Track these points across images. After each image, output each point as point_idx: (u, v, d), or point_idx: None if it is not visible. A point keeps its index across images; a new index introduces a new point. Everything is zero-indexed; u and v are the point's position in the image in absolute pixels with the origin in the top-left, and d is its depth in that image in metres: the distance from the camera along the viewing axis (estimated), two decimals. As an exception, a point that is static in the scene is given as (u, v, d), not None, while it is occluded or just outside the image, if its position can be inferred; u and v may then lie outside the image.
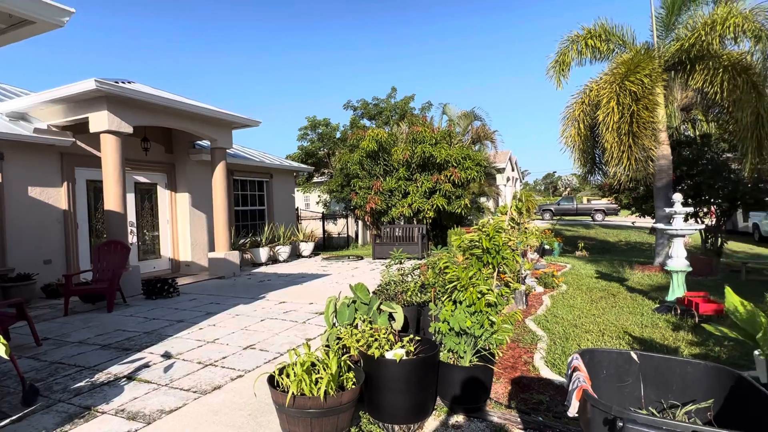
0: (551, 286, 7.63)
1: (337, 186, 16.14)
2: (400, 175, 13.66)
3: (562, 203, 32.39)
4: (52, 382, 3.80)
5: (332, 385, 2.61)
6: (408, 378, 2.81)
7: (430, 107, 21.57)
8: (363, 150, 13.72)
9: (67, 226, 8.26)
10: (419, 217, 13.61)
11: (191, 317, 6.00)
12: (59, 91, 7.13)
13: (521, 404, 3.24)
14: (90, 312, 6.53)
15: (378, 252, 12.36)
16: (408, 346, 3.00)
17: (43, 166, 7.93)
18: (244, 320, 5.76)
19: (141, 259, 9.73)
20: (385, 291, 4.39)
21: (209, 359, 4.28)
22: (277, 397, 2.62)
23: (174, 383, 3.70)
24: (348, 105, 21.69)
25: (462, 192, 13.49)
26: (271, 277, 9.57)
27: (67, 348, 4.77)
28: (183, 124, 8.79)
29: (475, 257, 3.41)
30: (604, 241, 19.01)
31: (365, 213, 14.09)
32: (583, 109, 9.63)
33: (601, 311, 5.98)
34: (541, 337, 4.81)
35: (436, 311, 3.22)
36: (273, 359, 4.26)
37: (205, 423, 3.00)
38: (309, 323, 5.56)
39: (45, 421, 3.09)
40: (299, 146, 21.30)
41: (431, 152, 13.10)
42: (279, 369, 2.80)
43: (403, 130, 15.06)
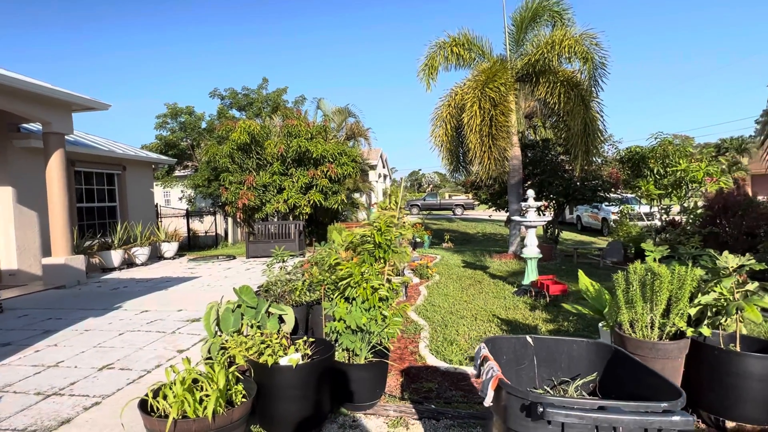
0: (426, 276, 8.08)
1: (204, 180, 14.89)
2: (274, 170, 13.14)
3: (427, 199, 34.79)
4: None
5: (221, 401, 2.34)
6: (305, 383, 2.66)
7: (304, 101, 21.19)
8: (234, 142, 12.86)
9: None
10: (295, 213, 13.28)
11: (22, 338, 4.92)
12: None
13: (413, 394, 3.33)
14: None
15: (252, 250, 11.72)
16: (303, 348, 2.85)
17: None
18: (96, 336, 4.91)
19: (-59, 270, 7.68)
20: (270, 292, 4.13)
21: (52, 387, 3.54)
22: (152, 425, 2.26)
23: (3, 423, 2.97)
24: (215, 93, 20.13)
25: (338, 188, 13.53)
26: (127, 283, 8.38)
27: None
28: (4, 101, 7.15)
29: (367, 252, 3.39)
30: (465, 233, 20.91)
31: (237, 209, 13.25)
32: (450, 111, 10.39)
33: (471, 297, 6.52)
34: (423, 326, 5.04)
35: (330, 310, 3.12)
36: (138, 378, 3.70)
37: (52, 468, 2.46)
38: (180, 333, 4.98)
39: None
40: (158, 135, 19.10)
41: (307, 147, 12.87)
42: (153, 390, 2.42)
43: (276, 123, 14.52)
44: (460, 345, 4.41)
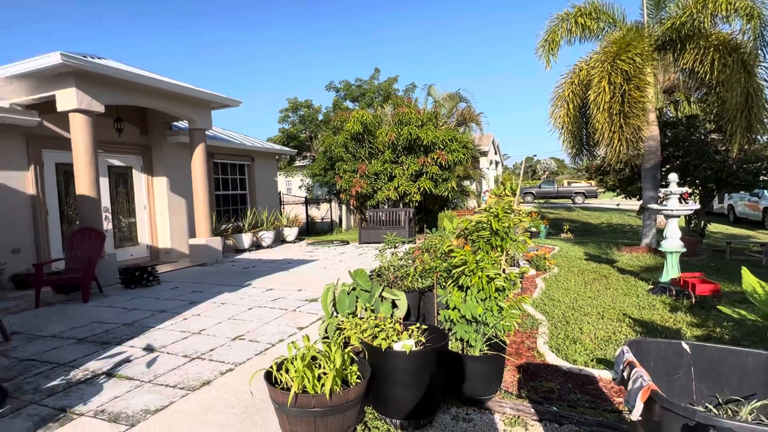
0: (543, 268, 7.55)
1: (321, 169, 15.78)
2: (385, 158, 13.38)
3: (543, 186, 32.67)
4: (22, 381, 3.47)
5: (337, 380, 2.39)
6: (418, 370, 2.61)
7: (414, 89, 21.22)
8: (347, 132, 13.37)
9: (36, 213, 7.75)
10: (405, 201, 13.40)
11: (174, 307, 5.69)
12: (21, 66, 6.56)
13: (532, 393, 3.09)
14: (64, 303, 6.13)
15: (364, 236, 12.13)
16: (416, 335, 2.80)
17: (6, 148, 7.37)
18: (230, 309, 5.48)
19: (117, 246, 9.27)
20: (382, 277, 4.17)
21: (196, 352, 4.01)
22: (276, 396, 2.39)
23: (158, 379, 3.43)
24: (330, 86, 21.16)
25: (449, 175, 13.32)
26: (255, 263, 9.25)
27: (39, 343, 4.42)
28: (158, 102, 8.30)
29: (482, 240, 3.21)
30: (587, 223, 19.21)
31: (350, 197, 13.81)
32: (572, 89, 9.48)
33: (597, 293, 5.91)
34: (541, 321, 4.69)
35: (444, 298, 3.02)
36: (264, 350, 4.01)
37: (195, 423, 2.76)
38: (300, 311, 5.32)
39: (15, 426, 2.79)
40: (280, 129, 20.74)
41: (418, 134, 12.84)
42: (277, 364, 2.57)
43: (387, 112, 14.73)
44: (584, 344, 4.00)
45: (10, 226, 7.39)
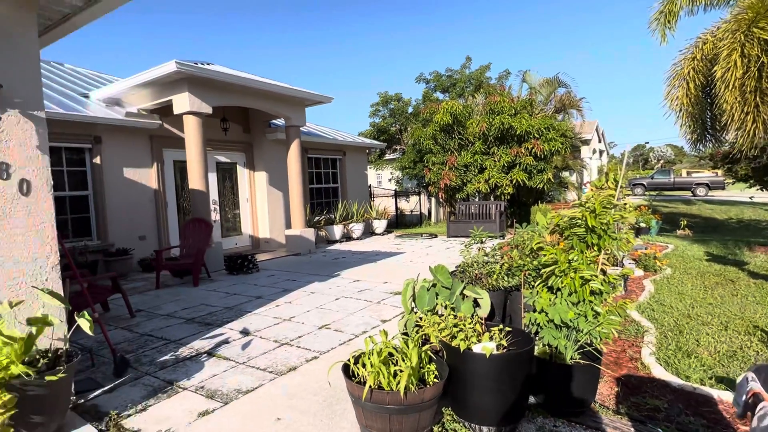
0: (653, 269, 6.76)
1: (410, 162, 15.80)
2: (476, 149, 12.98)
3: (656, 177, 29.34)
4: (141, 354, 3.94)
5: (413, 379, 2.33)
6: (499, 375, 2.45)
7: (508, 76, 20.27)
8: (436, 124, 13.19)
9: (158, 205, 8.79)
10: (497, 193, 12.90)
11: (269, 294, 6.07)
12: (145, 75, 7.44)
13: (633, 410, 2.75)
14: (178, 286, 6.88)
15: (453, 230, 11.92)
16: (498, 338, 2.63)
17: (135, 148, 8.43)
18: (319, 298, 5.70)
19: (224, 236, 10.17)
20: (466, 273, 4.02)
21: (285, 338, 4.22)
22: (353, 389, 2.40)
23: (251, 362, 3.67)
24: (420, 78, 21.04)
25: (544, 166, 12.53)
26: (345, 254, 9.56)
27: (156, 320, 5.00)
28: (258, 102, 8.89)
29: (576, 237, 2.92)
30: (710, 218, 16.87)
31: (439, 189, 13.65)
32: (694, 65, 8.30)
33: (720, 300, 5.13)
34: (648, 328, 4.18)
35: (531, 299, 2.80)
36: (348, 341, 4.10)
37: (280, 407, 2.89)
38: (384, 303, 5.36)
39: (133, 393, 3.17)
40: (371, 123, 21.15)
41: (510, 123, 12.25)
42: (354, 357, 2.58)
43: (479, 102, 14.25)
44: (701, 359, 3.48)
45: (139, 217, 8.47)
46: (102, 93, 8.41)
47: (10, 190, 2.73)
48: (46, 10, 3.21)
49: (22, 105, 2.78)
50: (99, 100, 8.50)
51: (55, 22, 3.43)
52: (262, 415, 2.80)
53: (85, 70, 11.29)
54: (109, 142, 8.03)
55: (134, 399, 3.07)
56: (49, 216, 2.90)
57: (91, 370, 3.58)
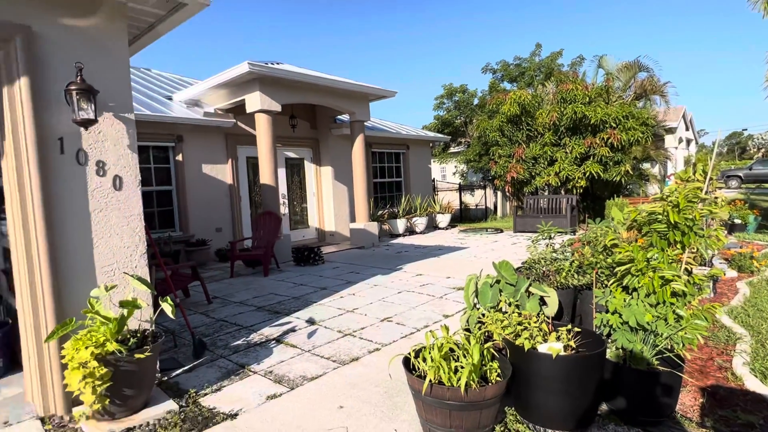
0: (748, 270, 6.09)
1: (475, 155, 15.46)
2: (545, 141, 12.41)
3: (755, 167, 26.28)
4: (216, 338, 4.23)
5: (474, 376, 2.28)
6: (566, 377, 2.33)
7: (582, 62, 19.12)
8: (503, 115, 12.77)
9: (233, 199, 9.34)
10: (567, 187, 12.26)
11: (333, 285, 6.24)
12: (220, 77, 7.91)
13: (720, 424, 2.51)
14: (250, 275, 7.28)
15: (519, 225, 11.52)
16: (566, 338, 2.51)
17: (212, 146, 9.02)
18: (381, 291, 5.77)
19: (292, 228, 10.60)
20: (532, 270, 3.86)
21: (348, 329, 4.32)
22: (413, 383, 2.40)
23: (316, 350, 3.80)
24: (487, 68, 20.47)
25: (622, 157, 11.71)
26: (408, 248, 9.58)
27: (230, 307, 5.33)
28: (324, 99, 9.12)
29: (656, 234, 2.69)
30: (822, 214, 14.84)
31: (505, 183, 13.23)
32: (804, 40, 7.31)
33: (833, 307, 4.51)
34: (741, 336, 3.77)
35: (603, 299, 2.64)
36: (410, 334, 4.11)
37: (342, 395, 2.97)
38: (446, 299, 5.31)
39: (209, 374, 3.41)
40: (435, 116, 20.93)
41: (584, 112, 11.55)
42: (415, 351, 2.58)
43: (549, 90, 13.58)
44: (807, 373, 3.08)
45: (216, 210, 9.06)
46: (183, 95, 9.07)
47: (106, 185, 3.03)
48: (134, 20, 3.50)
49: (115, 108, 3.06)
50: (180, 101, 9.18)
51: (142, 32, 3.74)
52: (325, 402, 2.89)
53: (169, 74, 12.23)
54: (189, 141, 8.66)
55: (210, 379, 3.30)
56: (137, 209, 3.18)
57: (173, 351, 3.89)
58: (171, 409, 2.80)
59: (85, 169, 2.93)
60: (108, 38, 3.03)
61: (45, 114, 2.76)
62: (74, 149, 2.89)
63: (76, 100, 2.75)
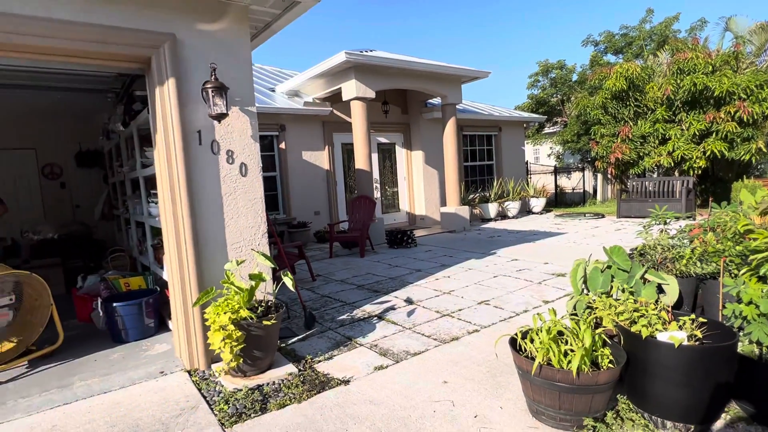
0: None
1: (573, 135, 14.55)
2: (656, 117, 11.29)
3: None
4: (323, 312, 4.57)
5: (585, 360, 2.25)
6: (689, 369, 2.20)
7: (704, 26, 16.91)
8: (607, 91, 11.82)
9: (329, 183, 9.85)
10: (683, 168, 11.08)
11: (427, 267, 6.37)
12: (318, 67, 8.31)
13: None
14: (347, 256, 7.68)
15: (624, 210, 10.69)
16: (689, 328, 2.36)
17: (311, 134, 9.55)
18: (476, 275, 5.77)
19: (384, 212, 10.91)
20: (645, 257, 3.62)
21: (446, 309, 4.42)
22: (520, 363, 2.43)
23: (416, 328, 3.95)
24: (588, 41, 18.95)
25: (752, 132, 10.28)
26: (500, 233, 9.39)
27: (332, 285, 5.71)
28: (416, 83, 9.18)
29: (804, 218, 2.39)
30: None
31: (608, 164, 12.31)
32: None
33: None
34: None
35: (735, 289, 2.42)
36: (508, 318, 4.10)
37: (445, 371, 3.08)
38: (545, 285, 5.17)
39: (320, 344, 3.72)
40: (529, 95, 19.94)
41: (705, 83, 10.29)
42: (522, 332, 2.60)
43: (662, 61, 12.27)
44: None
45: (314, 194, 9.63)
46: (284, 86, 9.69)
47: (234, 171, 3.41)
48: (253, 21, 3.84)
49: (240, 103, 3.42)
50: (282, 92, 9.82)
51: (259, 30, 4.09)
52: (429, 376, 3.03)
53: (270, 67, 13.09)
54: (290, 130, 9.26)
55: (321, 349, 3.61)
56: (260, 193, 3.54)
57: (288, 322, 4.30)
58: (291, 371, 3.13)
59: (217, 157, 3.33)
60: (234, 39, 3.38)
61: (186, 110, 3.17)
62: (209, 140, 3.29)
63: (212, 96, 3.13)
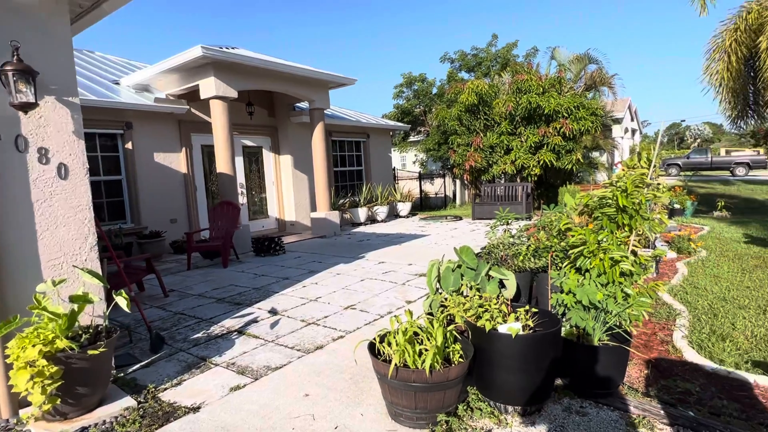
0: (686, 251, 6.55)
1: (434, 144, 15.63)
2: (502, 130, 12.72)
3: (692, 156, 28.14)
4: (174, 331, 4.10)
5: (438, 358, 2.35)
6: (525, 355, 2.44)
7: (536, 53, 19.65)
8: (462, 104, 12.96)
9: (188, 189, 9.01)
10: (523, 175, 12.67)
11: (295, 275, 6.19)
12: (172, 61, 7.55)
13: (663, 393, 2.71)
14: (208, 267, 7.08)
15: (478, 212, 11.80)
16: (524, 318, 2.62)
17: (164, 134, 8.63)
18: (344, 279, 5.77)
19: (251, 218, 10.37)
20: (491, 254, 3.99)
21: (312, 317, 4.31)
22: (379, 367, 2.44)
23: (279, 340, 3.77)
24: (445, 58, 20.63)
25: (573, 146, 12.20)
26: (369, 236, 9.61)
27: (188, 300, 5.18)
28: (283, 86, 8.92)
29: (606, 217, 2.84)
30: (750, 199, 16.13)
31: (464, 171, 13.49)
32: (736, 37, 7.87)
33: (758, 283, 4.94)
34: (680, 311, 4.07)
35: (558, 280, 2.77)
36: (373, 321, 4.15)
37: (308, 383, 2.97)
38: (409, 285, 5.39)
39: (168, 368, 3.31)
40: (395, 105, 20.94)
41: (538, 102, 11.92)
42: (380, 336, 2.62)
43: (505, 81, 13.90)
44: (737, 342, 3.38)
45: (169, 200, 8.71)
46: (131, 79, 8.60)
47: (49, 174, 2.84)
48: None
49: (57, 92, 2.87)
50: (129, 86, 8.71)
51: (86, 9, 3.50)
52: (290, 390, 2.88)
53: (115, 57, 11.55)
54: (139, 128, 8.24)
55: (169, 373, 3.21)
56: (86, 199, 3.01)
57: (129, 346, 3.75)
58: (129, 405, 2.71)
59: (25, 156, 2.74)
60: (48, 16, 2.82)
61: (-23, 96, 2.55)
62: (12, 135, 2.69)
63: (13, 82, 2.56)
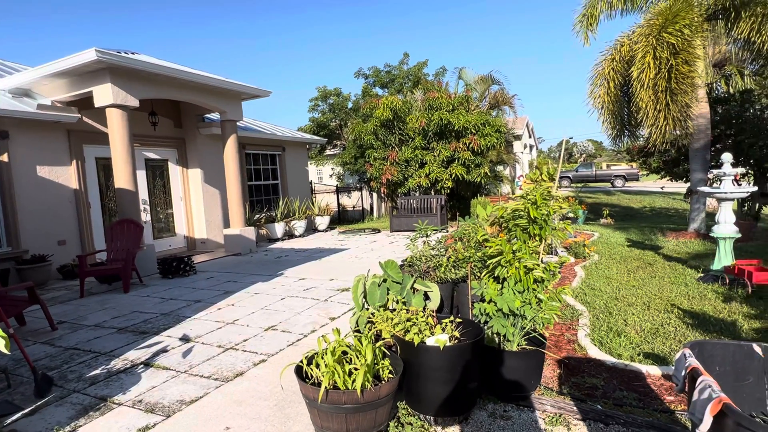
0: (582, 256, 7.25)
1: (351, 158, 15.74)
2: (416, 144, 13.18)
3: (580, 170, 31.54)
4: (66, 370, 3.59)
5: (368, 376, 2.31)
6: (453, 366, 2.50)
7: (445, 72, 20.77)
8: (377, 119, 13.23)
9: (79, 206, 8.05)
10: (437, 188, 13.20)
11: (209, 297, 5.78)
12: (60, 64, 6.76)
13: (574, 390, 2.93)
14: (106, 293, 6.36)
15: (396, 224, 12.04)
16: (450, 329, 2.68)
17: (50, 145, 7.66)
18: (263, 299, 5.52)
19: (156, 237, 9.55)
20: (414, 267, 4.06)
21: (230, 342, 4.04)
22: (307, 391, 2.34)
23: (193, 370, 3.47)
24: (359, 73, 20.98)
25: (481, 160, 12.99)
26: (288, 252, 9.33)
27: (82, 332, 4.59)
28: (191, 95, 8.40)
29: (519, 228, 3.04)
30: (628, 207, 18.42)
31: (381, 185, 13.72)
32: (613, 66, 8.97)
33: (641, 282, 5.60)
34: (582, 311, 4.47)
35: (479, 290, 2.88)
36: (296, 341, 4.00)
37: (228, 415, 2.76)
38: (331, 301, 5.29)
39: (59, 414, 2.88)
40: (311, 118, 20.79)
41: (449, 119, 12.55)
42: (307, 358, 2.52)
43: (417, 97, 14.47)
44: (629, 337, 3.78)
45: (57, 219, 7.72)
46: (8, 83, 7.54)
47: None
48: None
49: None
50: (4, 90, 7.62)
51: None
52: (209, 425, 2.65)
53: (-15, 56, 10.07)
54: (18, 138, 7.23)
55: (60, 420, 2.80)
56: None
57: (7, 392, 3.21)
58: (8, 464, 2.30)
59: None
60: None
61: None
62: None
63: None
